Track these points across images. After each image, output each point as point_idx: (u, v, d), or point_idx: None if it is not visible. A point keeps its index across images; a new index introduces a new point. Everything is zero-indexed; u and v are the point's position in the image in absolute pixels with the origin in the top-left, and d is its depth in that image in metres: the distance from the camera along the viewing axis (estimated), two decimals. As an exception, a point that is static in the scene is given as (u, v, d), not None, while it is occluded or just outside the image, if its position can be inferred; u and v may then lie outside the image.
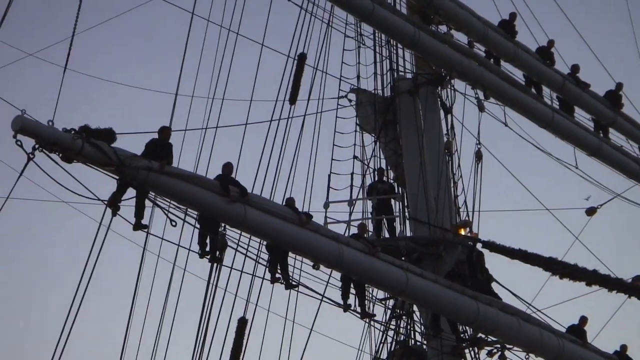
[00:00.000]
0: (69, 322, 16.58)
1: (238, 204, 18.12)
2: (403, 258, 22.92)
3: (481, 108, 24.46)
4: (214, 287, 19.61)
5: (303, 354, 20.73)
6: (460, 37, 25.13)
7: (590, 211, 27.94)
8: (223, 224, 18.77)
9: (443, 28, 25.00)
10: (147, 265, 20.19)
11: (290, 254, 19.69)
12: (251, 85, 22.18)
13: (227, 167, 18.63)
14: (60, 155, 16.33)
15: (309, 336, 20.57)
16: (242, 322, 19.91)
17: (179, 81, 20.34)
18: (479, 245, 23.35)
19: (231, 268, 19.58)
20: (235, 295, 20.17)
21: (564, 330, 23.48)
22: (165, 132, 17.88)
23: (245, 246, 19.30)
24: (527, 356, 22.32)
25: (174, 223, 17.40)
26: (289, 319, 21.15)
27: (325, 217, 23.31)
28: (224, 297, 19.96)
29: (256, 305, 20.19)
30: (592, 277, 23.58)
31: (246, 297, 20.21)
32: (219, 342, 19.89)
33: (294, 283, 19.58)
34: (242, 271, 19.71)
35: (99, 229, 17.00)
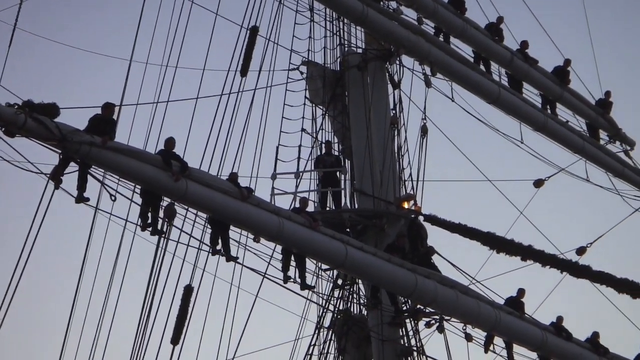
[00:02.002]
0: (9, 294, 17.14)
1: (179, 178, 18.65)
2: (348, 230, 23.59)
3: (428, 84, 24.89)
4: (161, 256, 20.20)
5: (247, 320, 21.37)
6: (411, 13, 25.69)
7: (538, 183, 28.51)
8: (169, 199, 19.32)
9: (394, 4, 25.50)
10: (97, 234, 20.81)
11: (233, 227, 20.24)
12: (204, 55, 22.76)
13: (169, 142, 19.12)
14: (3, 129, 16.82)
15: (253, 303, 21.19)
16: (188, 290, 20.51)
17: (134, 47, 20.92)
18: (420, 218, 23.98)
19: (177, 242, 20.15)
20: (182, 263, 20.77)
21: (502, 301, 24.19)
22: (109, 108, 18.34)
23: (189, 218, 19.93)
24: (464, 327, 23.04)
25: (113, 197, 17.95)
26: (234, 284, 21.73)
27: (273, 188, 23.80)
28: (171, 265, 20.56)
29: (203, 271, 20.78)
30: (526, 252, 24.34)
31: (193, 264, 20.86)
32: (165, 309, 20.59)
33: (234, 255, 20.15)
34: (188, 245, 20.24)
35: (40, 200, 17.54)
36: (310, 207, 23.46)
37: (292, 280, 21.12)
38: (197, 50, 23.35)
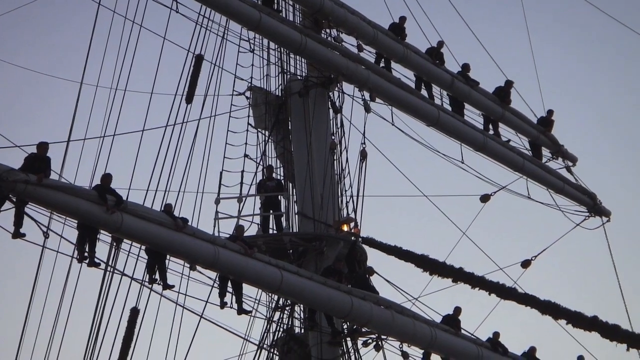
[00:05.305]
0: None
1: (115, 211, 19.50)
2: (290, 251, 24.47)
3: (367, 109, 25.68)
4: (107, 286, 21.09)
5: (192, 339, 22.14)
6: (352, 41, 26.47)
7: (485, 197, 29.37)
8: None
9: (334, 32, 26.32)
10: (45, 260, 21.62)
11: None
12: (153, 80, 23.59)
13: (105, 178, 19.94)
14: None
15: (198, 324, 21.98)
16: (134, 312, 21.41)
17: (85, 70, 21.78)
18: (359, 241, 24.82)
19: (122, 275, 21.02)
20: (129, 287, 21.66)
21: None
22: (42, 147, 19.20)
23: (132, 253, 20.86)
24: (400, 345, 23.89)
25: (46, 235, 18.79)
26: (179, 304, 22.45)
27: (217, 212, 24.64)
28: (118, 288, 21.44)
29: (149, 294, 21.63)
30: (457, 275, 25.26)
31: (139, 287, 21.73)
32: (113, 331, 21.45)
33: (171, 284, 21.03)
34: (132, 278, 21.14)
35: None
36: (253, 231, 24.46)
37: (228, 306, 21.99)
38: (146, 74, 24.21)
